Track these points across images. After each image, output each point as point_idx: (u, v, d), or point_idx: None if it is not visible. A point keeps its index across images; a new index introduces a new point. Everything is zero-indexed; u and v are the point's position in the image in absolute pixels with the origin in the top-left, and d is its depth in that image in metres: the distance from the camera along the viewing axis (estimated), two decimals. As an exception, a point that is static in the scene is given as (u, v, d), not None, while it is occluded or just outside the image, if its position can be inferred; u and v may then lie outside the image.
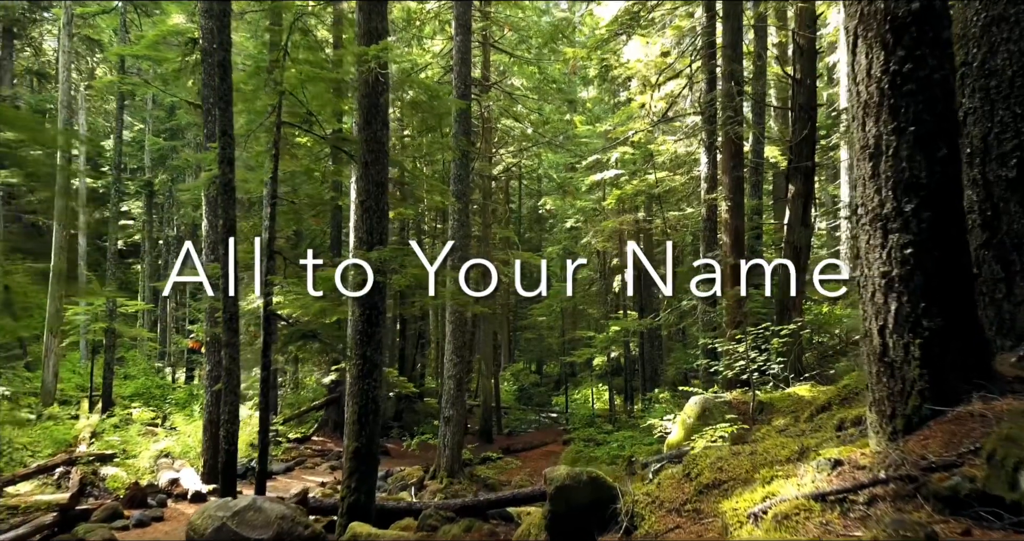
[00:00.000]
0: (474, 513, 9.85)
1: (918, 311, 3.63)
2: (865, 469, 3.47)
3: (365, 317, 8.40)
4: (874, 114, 3.83)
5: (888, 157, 3.75)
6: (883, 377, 3.75)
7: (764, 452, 4.99)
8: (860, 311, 3.99)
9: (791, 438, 5.37)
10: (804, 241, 13.93)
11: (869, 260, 3.86)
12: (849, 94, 4.08)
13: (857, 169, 3.99)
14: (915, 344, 3.61)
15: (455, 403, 15.55)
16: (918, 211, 3.65)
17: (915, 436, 3.50)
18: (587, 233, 25.59)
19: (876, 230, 3.80)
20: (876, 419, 3.80)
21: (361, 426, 8.29)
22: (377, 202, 8.59)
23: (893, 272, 3.71)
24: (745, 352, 9.93)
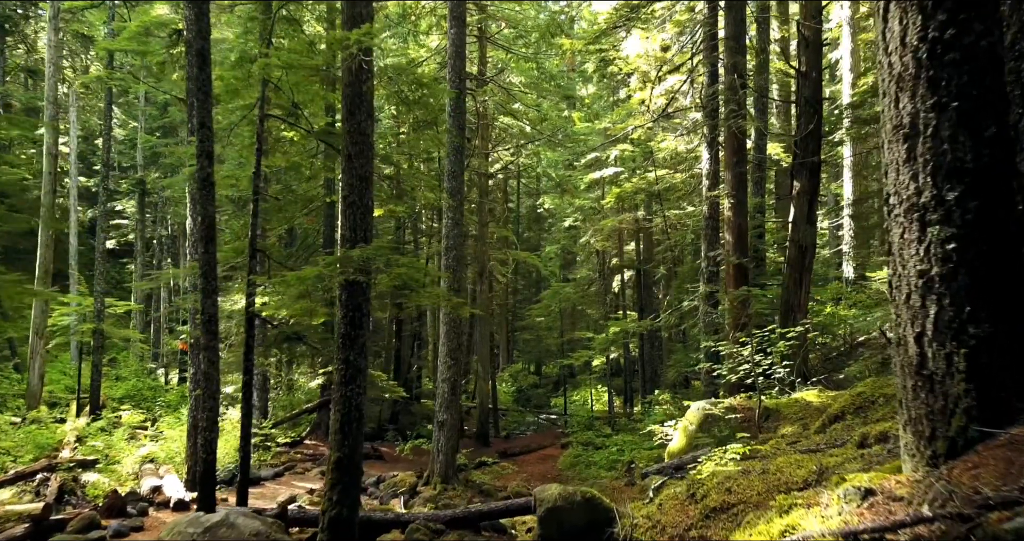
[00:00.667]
0: (465, 525, 9.34)
1: (962, 316, 3.11)
2: (903, 502, 2.95)
3: (348, 319, 7.88)
4: (909, 88, 3.31)
5: (926, 138, 3.23)
6: (920, 392, 3.23)
7: (777, 471, 4.47)
8: (892, 315, 3.47)
9: (806, 455, 4.85)
10: (809, 240, 13.41)
11: (903, 257, 3.34)
12: (879, 67, 3.56)
13: (888, 153, 3.47)
14: (959, 354, 3.09)
15: (449, 407, 15.02)
16: (962, 200, 3.13)
17: (961, 463, 2.98)
18: (586, 232, 25.09)
19: (912, 222, 3.29)
20: (912, 440, 3.28)
21: (344, 435, 7.77)
22: (361, 197, 8.07)
23: (932, 271, 3.19)
24: (750, 355, 9.42)
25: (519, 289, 41.60)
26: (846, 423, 6.31)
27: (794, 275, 13.37)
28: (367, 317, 8.05)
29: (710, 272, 14.15)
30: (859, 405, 6.62)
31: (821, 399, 9.36)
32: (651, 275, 24.96)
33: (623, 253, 26.49)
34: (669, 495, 5.05)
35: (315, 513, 9.77)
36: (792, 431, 8.43)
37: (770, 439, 7.88)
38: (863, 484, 3.18)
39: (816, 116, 12.97)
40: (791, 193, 13.87)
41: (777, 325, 11.74)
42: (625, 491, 8.23)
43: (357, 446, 7.92)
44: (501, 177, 29.43)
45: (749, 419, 9.46)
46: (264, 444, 16.28)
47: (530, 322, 28.77)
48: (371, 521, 9.19)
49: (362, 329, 7.99)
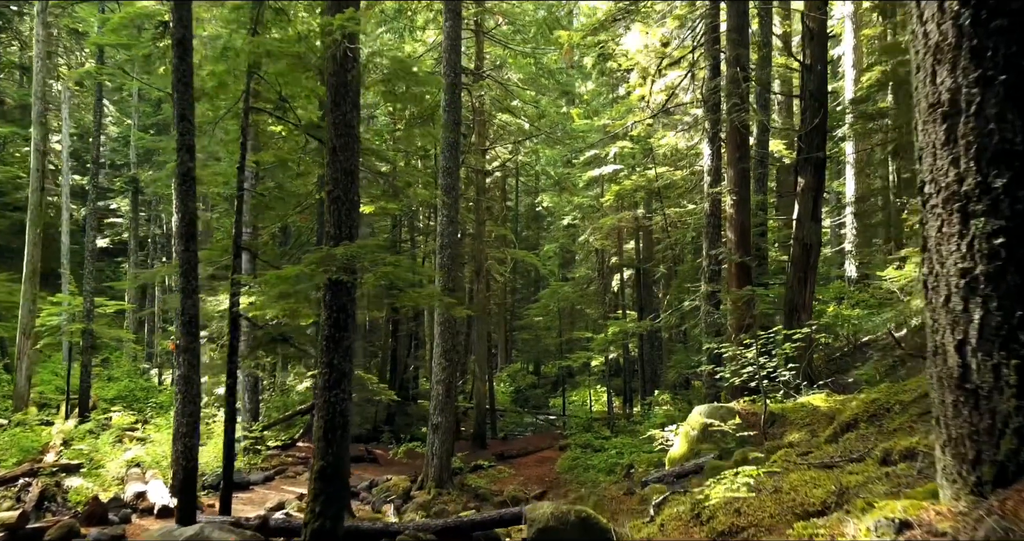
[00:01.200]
0: (457, 535, 8.92)
1: (1012, 321, 2.68)
2: (947, 538, 2.52)
3: (332, 321, 7.46)
4: (949, 61, 2.88)
5: (969, 117, 2.80)
6: (963, 409, 2.80)
7: (791, 490, 4.04)
8: (927, 320, 3.04)
9: (822, 471, 4.43)
10: (814, 238, 12.99)
11: (942, 254, 2.91)
12: (911, 37, 3.13)
13: (923, 135, 3.04)
14: (1009, 366, 2.66)
15: (444, 409, 14.60)
16: (1011, 187, 2.70)
17: (1015, 493, 2.56)
18: (585, 230, 24.65)
19: (952, 214, 2.86)
20: (952, 463, 2.85)
21: (327, 443, 7.35)
22: (346, 192, 7.64)
23: (977, 269, 2.76)
24: (754, 358, 8.99)
25: (518, 288, 41.16)
26: (860, 432, 5.89)
27: (798, 274, 12.94)
28: (352, 318, 7.62)
29: (712, 271, 13.72)
30: (873, 412, 6.20)
31: (829, 404, 8.93)
32: (651, 274, 24.53)
33: (622, 252, 26.06)
34: (672, 514, 4.63)
35: (299, 522, 9.35)
36: (800, 438, 8.01)
37: (777, 447, 7.44)
38: (897, 515, 2.76)
39: (821, 110, 12.54)
40: (795, 190, 13.44)
41: (781, 326, 11.34)
42: (624, 501, 7.80)
43: (342, 454, 7.50)
44: (499, 175, 28.99)
45: (754, 424, 9.03)
46: (254, 447, 15.86)
47: (528, 321, 28.35)
48: (359, 531, 8.77)
49: (347, 331, 7.57)
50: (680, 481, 8.34)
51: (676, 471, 8.54)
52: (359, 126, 8.30)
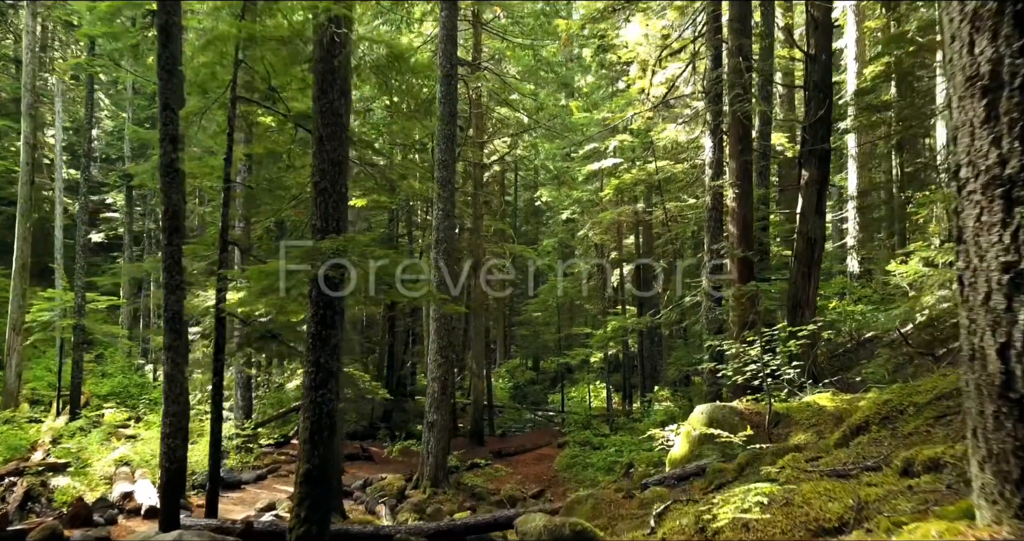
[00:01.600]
0: (450, 539, 8.62)
1: (1064, 322, 2.35)
2: (992, 571, 2.20)
3: (318, 318, 7.13)
4: (989, 28, 2.54)
5: (1013, 90, 2.46)
6: (1006, 421, 2.47)
7: (804, 503, 3.71)
8: (963, 320, 2.71)
9: (836, 481, 4.10)
10: (819, 232, 12.65)
11: (980, 246, 2.58)
12: (944, 6, 2.79)
13: (959, 112, 2.70)
14: (1061, 373, 2.34)
15: (439, 407, 14.29)
16: (1063, 170, 2.37)
17: (1069, 519, 2.23)
18: (584, 225, 24.30)
19: (993, 201, 2.52)
20: (993, 482, 2.53)
21: (314, 445, 7.02)
22: (333, 183, 7.30)
23: (1022, 263, 2.43)
24: (758, 356, 8.66)
25: (517, 283, 40.85)
26: (872, 435, 5.56)
27: (802, 269, 12.61)
28: (340, 315, 7.29)
29: (713, 266, 13.38)
30: (885, 414, 5.87)
31: (835, 403, 8.61)
32: (651, 269, 24.19)
33: (622, 246, 25.72)
34: (674, 528, 4.31)
35: (286, 525, 9.04)
36: (806, 439, 7.69)
37: (783, 450, 7.12)
38: (931, 539, 2.43)
39: (826, 101, 12.19)
40: (799, 183, 13.10)
41: (784, 322, 11.01)
42: (623, 505, 7.48)
43: (329, 456, 7.18)
44: (498, 169, 28.64)
45: (758, 425, 8.71)
46: (246, 446, 15.54)
47: (527, 317, 28.02)
48: (348, 535, 8.47)
49: (334, 328, 7.24)
50: (681, 484, 8.02)
51: (677, 473, 8.23)
52: (348, 115, 7.96)
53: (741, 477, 7.18)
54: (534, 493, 15.16)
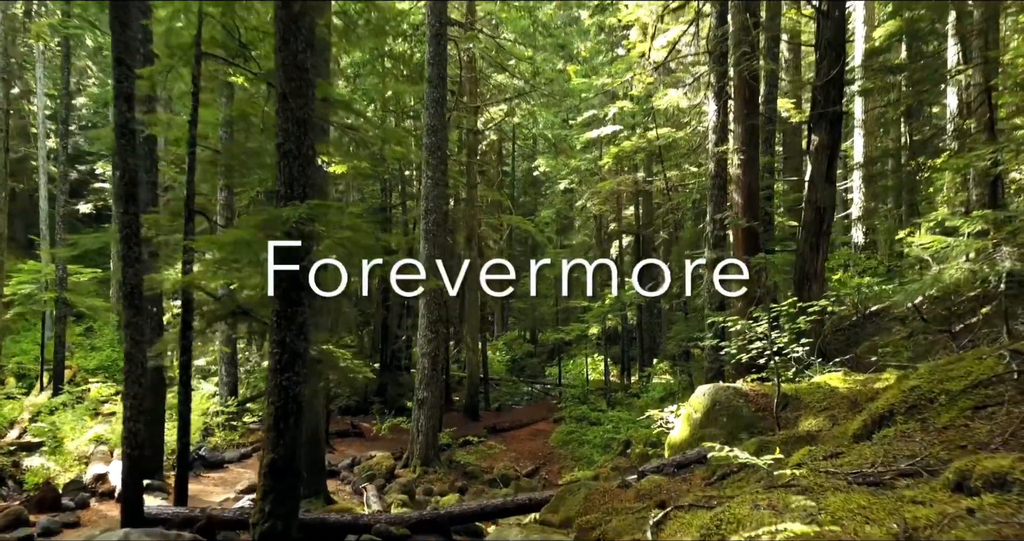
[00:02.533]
0: (433, 528, 8.00)
1: None
2: None
3: (283, 294, 6.41)
4: None
5: None
6: None
7: (832, 521, 3.01)
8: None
9: (869, 491, 3.40)
10: (828, 201, 11.87)
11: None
12: None
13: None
14: None
15: (430, 384, 13.67)
16: None
17: None
18: (582, 195, 23.49)
19: None
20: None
21: (279, 433, 6.35)
22: (299, 145, 6.53)
23: None
24: (765, 333, 7.96)
25: (515, 255, 40.11)
26: (899, 428, 4.87)
27: (810, 240, 11.85)
28: (308, 291, 6.56)
29: (716, 237, 12.62)
30: (913, 403, 5.17)
31: (848, 385, 7.93)
32: (651, 241, 23.44)
33: (622, 217, 24.92)
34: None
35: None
36: (818, 425, 7.01)
37: (794, 438, 6.45)
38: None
39: (839, 60, 11.32)
40: (807, 148, 12.30)
41: (791, 296, 10.30)
42: (617, 497, 6.83)
43: (296, 446, 6.51)
44: (495, 138, 27.77)
45: (764, 407, 8.04)
46: (230, 423, 14.92)
47: (524, 289, 27.30)
48: (324, 525, 7.85)
49: (300, 305, 6.52)
50: (681, 472, 7.38)
51: (677, 460, 7.58)
52: (319, 70, 7.16)
53: (747, 468, 6.52)
54: (528, 471, 14.62)
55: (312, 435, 10.83)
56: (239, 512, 8.02)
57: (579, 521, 6.25)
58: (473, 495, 13.11)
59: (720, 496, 4.95)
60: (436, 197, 13.57)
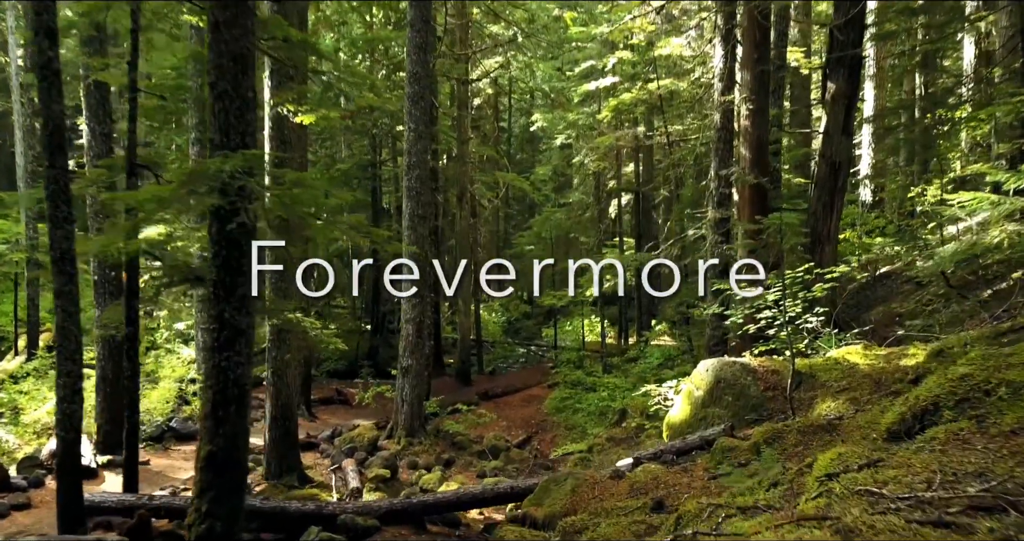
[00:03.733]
0: (405, 519, 7.18)
1: None
2: None
3: (221, 261, 5.44)
4: None
5: None
6: None
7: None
8: None
9: (933, 533, 2.50)
10: (844, 155, 10.82)
11: None
12: None
13: None
14: None
15: (415, 351, 12.79)
16: None
17: None
18: (580, 151, 22.30)
19: None
20: None
21: (217, 422, 5.45)
22: (235, 85, 5.48)
23: None
24: (779, 301, 7.01)
25: (513, 215, 38.99)
26: (950, 429, 3.93)
27: (823, 198, 10.83)
28: (249, 258, 5.59)
29: (720, 194, 11.57)
30: (963, 395, 4.24)
31: (869, 360, 7.01)
32: (651, 199, 22.33)
33: (621, 175, 23.77)
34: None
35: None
36: (837, 409, 6.11)
37: (813, 427, 5.54)
38: None
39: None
40: (823, 97, 11.18)
41: (799, 260, 9.34)
42: (609, 490, 5.98)
43: (238, 436, 5.61)
44: (491, 92, 26.41)
45: (774, 386, 7.13)
46: (202, 393, 14.00)
47: (519, 250, 26.29)
48: (284, 514, 7.03)
49: (242, 275, 5.56)
50: (682, 459, 6.51)
51: (677, 446, 6.70)
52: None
53: (758, 458, 5.63)
54: (519, 441, 13.84)
55: (285, 408, 10.00)
56: (187, 500, 7.18)
57: (564, 523, 5.39)
58: (460, 468, 12.35)
59: (728, 508, 4.07)
60: (420, 151, 12.49)
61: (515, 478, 11.84)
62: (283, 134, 9.80)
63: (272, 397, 9.93)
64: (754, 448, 5.70)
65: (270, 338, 9.95)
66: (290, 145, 9.89)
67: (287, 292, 9.98)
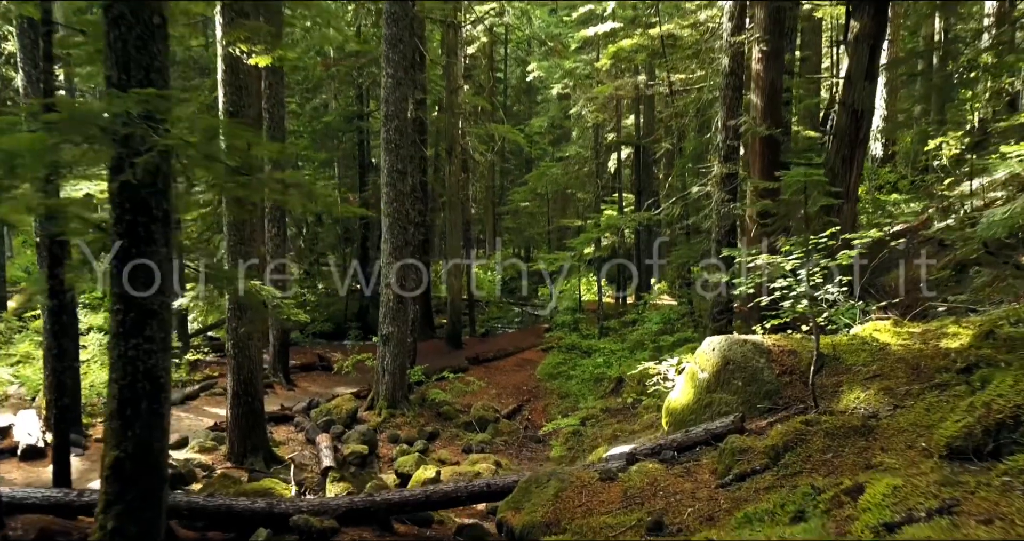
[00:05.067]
0: (368, 518, 6.28)
1: None
2: None
3: (127, 227, 4.39)
4: None
5: None
6: None
7: None
8: None
9: None
10: (867, 102, 9.65)
11: None
12: None
13: None
14: None
15: (396, 317, 11.82)
16: None
17: None
18: (578, 101, 20.94)
19: None
20: None
21: (126, 423, 4.47)
22: (135, 8, 4.34)
23: None
24: (805, 269, 5.95)
25: (510, 169, 37.66)
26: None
27: (842, 151, 9.71)
28: (163, 223, 4.53)
29: (728, 147, 10.37)
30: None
31: (903, 339, 6.00)
32: (651, 153, 21.07)
33: (620, 127, 22.45)
34: None
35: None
36: (868, 402, 5.11)
37: (843, 431, 4.55)
38: None
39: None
40: (845, 37, 9.93)
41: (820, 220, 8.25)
42: (598, 495, 5.04)
43: (153, 437, 4.63)
44: (485, 41, 24.86)
45: (791, 369, 6.13)
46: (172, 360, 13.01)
47: (514, 207, 25.12)
48: (231, 512, 6.12)
49: (153, 244, 4.50)
50: (684, 457, 5.55)
51: (679, 440, 5.74)
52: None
53: (776, 466, 4.67)
54: (509, 411, 12.98)
55: (248, 384, 9.06)
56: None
57: (543, 543, 4.45)
58: (445, 441, 11.50)
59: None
60: (399, 100, 11.28)
61: (502, 453, 11.04)
62: (238, 79, 8.62)
63: (233, 372, 9.00)
64: (771, 452, 4.73)
65: (229, 308, 9.00)
66: (247, 91, 8.72)
67: (248, 255, 8.96)
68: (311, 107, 20.36)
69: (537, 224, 25.72)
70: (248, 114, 8.70)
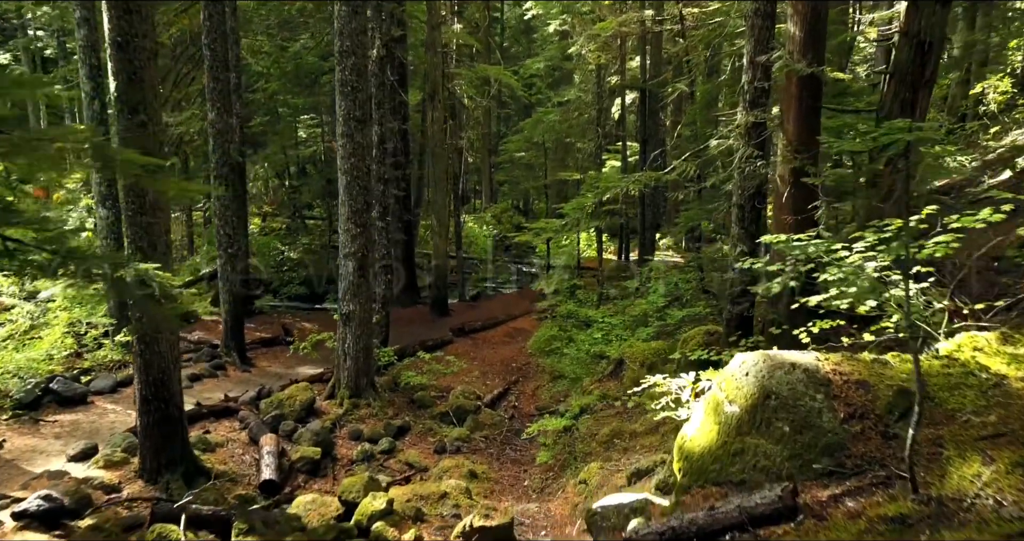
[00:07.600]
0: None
1: None
2: None
3: None
4: None
5: None
6: None
7: None
8: None
9: None
10: (938, 32, 7.45)
11: None
12: None
13: None
14: None
15: (357, 294, 9.94)
16: None
17: None
18: (578, 40, 18.55)
19: None
20: None
21: None
22: None
23: None
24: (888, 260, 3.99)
25: (510, 115, 35.22)
26: None
27: (902, 94, 7.58)
28: None
29: (756, 91, 8.22)
30: None
31: (1020, 367, 4.07)
32: (658, 97, 18.76)
33: (625, 70, 20.06)
34: None
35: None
36: (995, 484, 3.20)
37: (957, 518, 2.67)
38: None
39: None
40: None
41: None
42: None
43: None
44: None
45: (861, 411, 4.20)
46: (98, 341, 11.14)
47: (508, 157, 22.92)
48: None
49: None
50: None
51: (700, 521, 3.87)
52: None
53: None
54: (493, 397, 11.20)
55: (159, 386, 7.23)
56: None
57: None
58: (416, 437, 9.75)
59: None
60: (355, 32, 9.11)
61: (481, 453, 9.30)
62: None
63: (140, 371, 7.16)
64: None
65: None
66: (140, 15, 6.62)
67: (154, 231, 7.02)
68: (274, 45, 18.04)
69: (534, 176, 23.53)
70: (143, 45, 6.62)
